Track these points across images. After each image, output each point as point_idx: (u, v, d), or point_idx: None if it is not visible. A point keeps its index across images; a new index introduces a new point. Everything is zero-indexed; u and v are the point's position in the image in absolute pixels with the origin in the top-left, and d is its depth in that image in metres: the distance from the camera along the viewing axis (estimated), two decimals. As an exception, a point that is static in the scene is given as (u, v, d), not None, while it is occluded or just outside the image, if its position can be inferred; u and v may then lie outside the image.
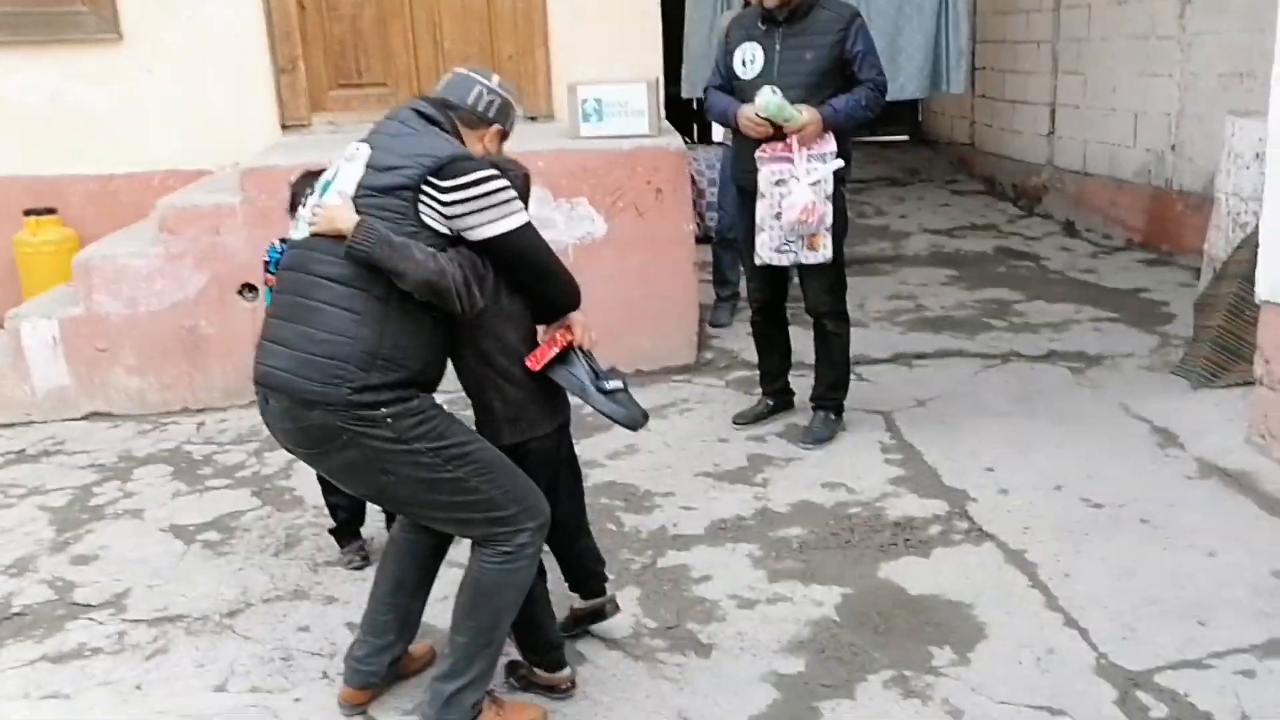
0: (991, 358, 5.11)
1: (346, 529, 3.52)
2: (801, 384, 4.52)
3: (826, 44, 3.99)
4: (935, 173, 10.41)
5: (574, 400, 2.74)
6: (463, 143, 2.56)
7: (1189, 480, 3.75)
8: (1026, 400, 4.56)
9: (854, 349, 5.10)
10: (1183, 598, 3.03)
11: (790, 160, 3.94)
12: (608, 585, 3.04)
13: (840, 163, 4.00)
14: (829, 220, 3.96)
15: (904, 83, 8.03)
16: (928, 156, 10.95)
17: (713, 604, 3.17)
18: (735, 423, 4.45)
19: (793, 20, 4.01)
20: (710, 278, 5.98)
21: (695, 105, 8.78)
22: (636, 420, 2.73)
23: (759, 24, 4.09)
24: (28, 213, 5.60)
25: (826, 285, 4.21)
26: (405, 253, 2.35)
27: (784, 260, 4.10)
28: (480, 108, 2.62)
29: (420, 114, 2.56)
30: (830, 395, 4.34)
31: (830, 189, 3.95)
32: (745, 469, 4.06)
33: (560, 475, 2.88)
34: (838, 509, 3.69)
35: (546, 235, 4.86)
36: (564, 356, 2.64)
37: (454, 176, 2.39)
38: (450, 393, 2.62)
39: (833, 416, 4.34)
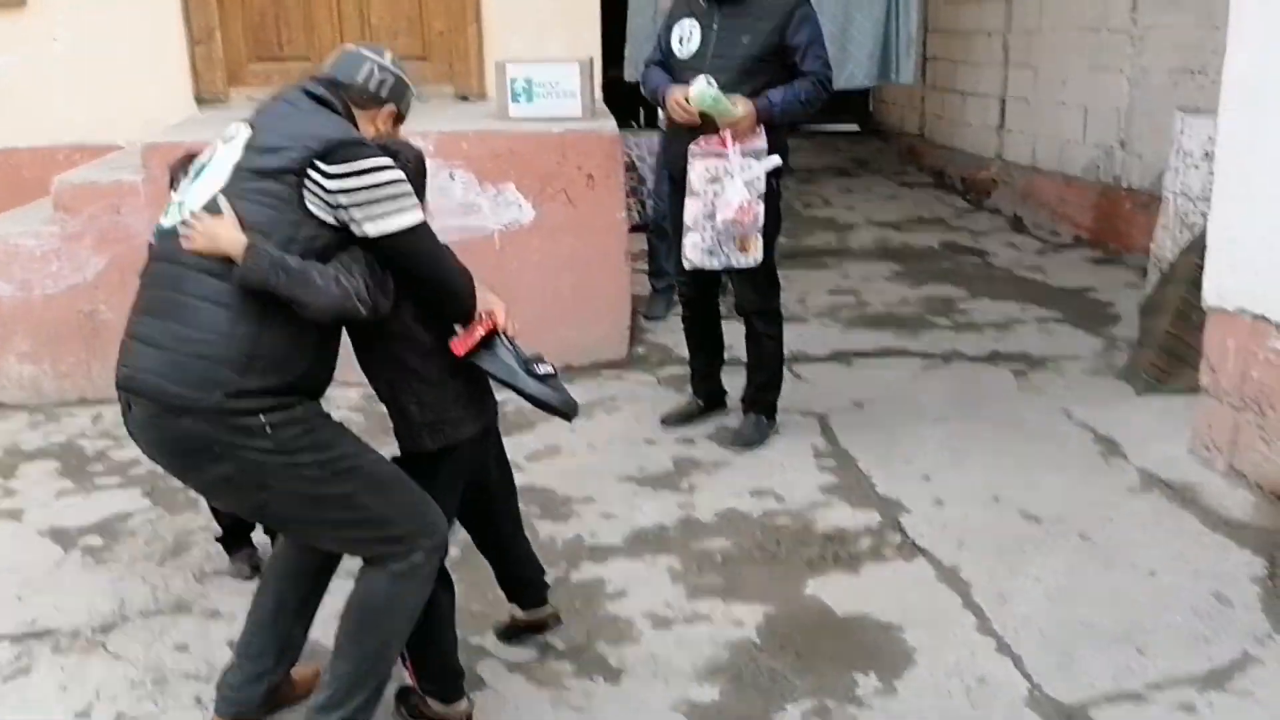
0: (933, 358, 4.95)
1: (235, 536, 3.26)
2: (735, 383, 4.32)
3: (765, 29, 3.76)
4: (884, 164, 10.27)
5: (499, 396, 2.52)
6: (355, 125, 2.33)
7: (1131, 493, 3.59)
8: (967, 404, 4.39)
9: (792, 345, 4.95)
10: (1121, 622, 2.86)
11: (725, 156, 3.72)
12: (549, 595, 2.85)
13: (776, 160, 3.77)
14: (761, 221, 3.74)
15: (852, 70, 7.86)
16: (877, 147, 10.82)
17: (626, 623, 2.96)
18: (663, 423, 4.24)
19: (735, 1, 3.78)
20: (646, 268, 5.76)
21: (639, 88, 8.56)
22: (571, 406, 2.52)
23: (703, 1, 3.86)
24: (-82, 187, 5.25)
25: (756, 284, 4.01)
26: (303, 278, 2.12)
27: (714, 264, 3.87)
28: (371, 86, 2.40)
29: (309, 94, 2.32)
30: (761, 397, 4.14)
31: (763, 187, 3.73)
32: (671, 474, 3.85)
33: (490, 478, 2.69)
34: (765, 519, 3.49)
35: (471, 221, 4.75)
36: (488, 342, 2.40)
37: (342, 161, 2.16)
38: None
39: (764, 419, 4.14)
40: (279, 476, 2.18)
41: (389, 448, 3.80)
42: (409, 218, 2.23)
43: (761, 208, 3.71)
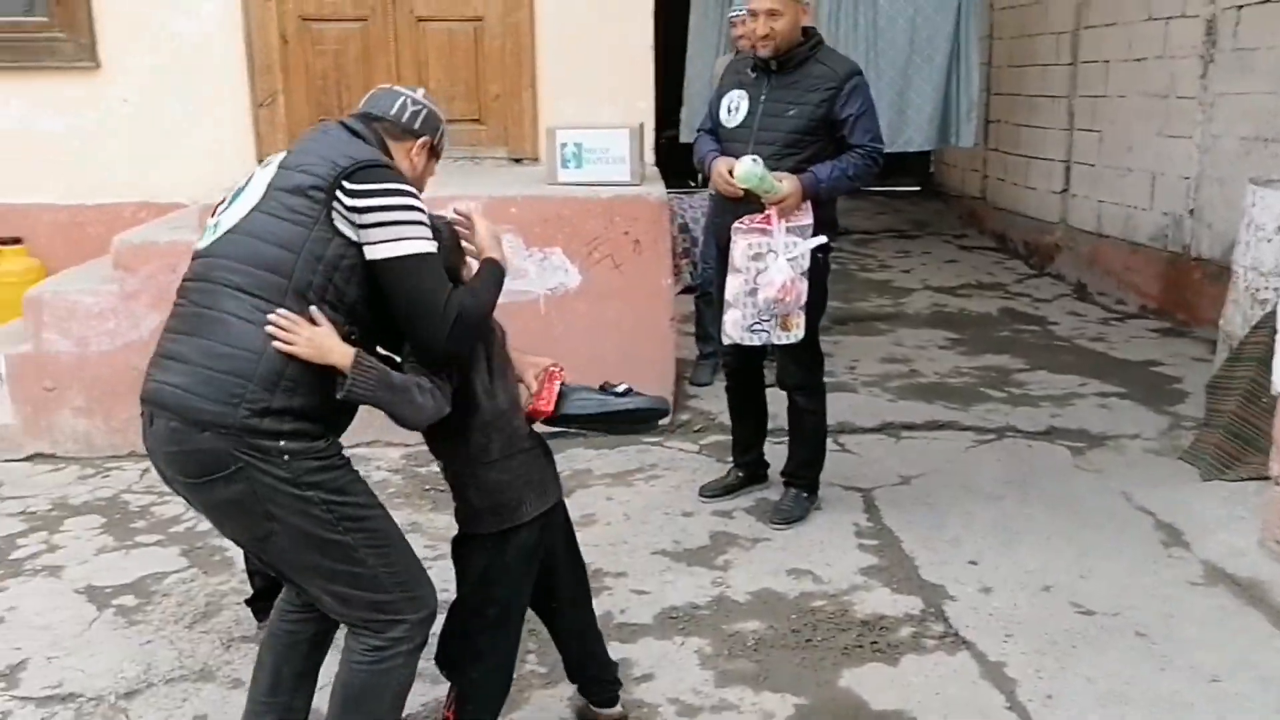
0: (986, 432, 4.79)
1: (264, 599, 3.23)
2: (779, 454, 4.22)
3: (813, 102, 3.68)
4: (945, 226, 10.14)
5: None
6: (389, 156, 2.36)
7: (1193, 587, 3.40)
8: (1020, 483, 4.23)
9: (839, 415, 4.86)
10: (1178, 732, 2.70)
11: (769, 234, 3.64)
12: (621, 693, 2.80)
13: (821, 239, 3.69)
14: (805, 298, 3.67)
15: (911, 134, 7.81)
16: (938, 209, 10.69)
17: (651, 709, 2.85)
18: (702, 494, 4.15)
19: (784, 71, 3.72)
20: (694, 332, 5.69)
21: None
22: (665, 404, 2.65)
23: (750, 70, 3.81)
24: (-9, 241, 5.41)
25: (799, 359, 3.91)
26: (406, 396, 2.19)
27: (755, 340, 3.77)
28: (405, 119, 2.42)
29: (345, 126, 2.37)
30: (803, 472, 4.03)
31: (807, 264, 3.65)
32: (707, 549, 3.75)
33: (557, 562, 2.60)
34: (801, 601, 3.37)
35: (517, 286, 4.74)
36: (563, 390, 2.48)
37: (368, 181, 2.18)
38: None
39: (805, 494, 4.03)
40: (287, 509, 2.15)
41: (424, 513, 3.77)
42: (422, 245, 2.21)
43: (805, 285, 3.64)
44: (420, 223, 2.23)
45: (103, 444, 4.69)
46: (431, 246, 2.23)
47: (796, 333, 3.72)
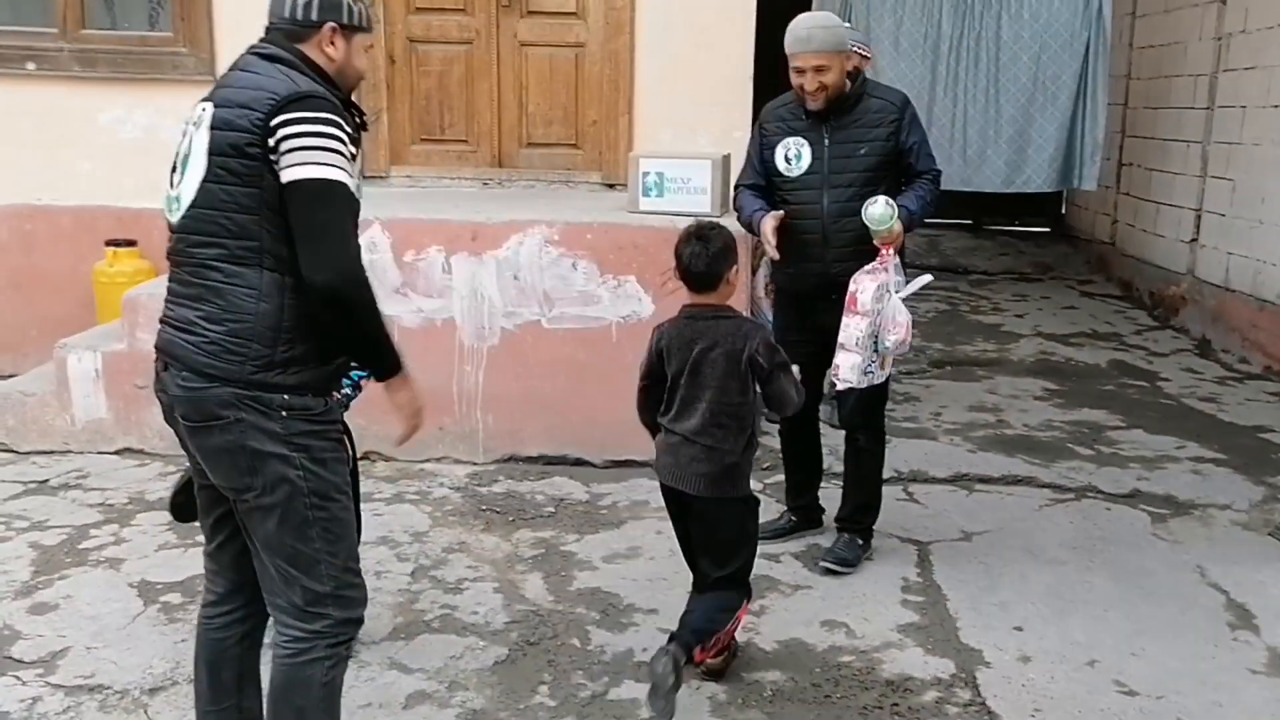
0: (1064, 491, 4.57)
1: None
2: (834, 497, 4.11)
3: (881, 137, 3.68)
4: (1070, 270, 9.74)
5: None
6: (307, 63, 2.30)
7: (1252, 675, 3.17)
8: (1088, 548, 4.02)
9: (913, 463, 4.75)
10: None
11: (887, 272, 3.61)
12: None
13: (929, 278, 3.75)
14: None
15: (1030, 174, 7.56)
16: (1065, 252, 10.28)
17: (651, 753, 2.81)
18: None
19: (841, 112, 3.69)
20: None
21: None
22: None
23: (802, 115, 3.74)
24: (109, 243, 5.73)
25: (871, 398, 3.83)
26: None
27: (868, 382, 3.69)
28: (299, 14, 2.33)
29: (259, 54, 2.31)
30: (858, 517, 3.93)
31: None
32: (744, 592, 3.68)
33: None
34: (829, 654, 3.27)
35: (590, 312, 4.77)
36: None
37: (286, 112, 2.16)
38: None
39: (859, 540, 3.92)
40: (269, 468, 2.24)
41: (475, 533, 3.78)
42: (331, 172, 2.17)
43: None
44: (337, 151, 2.18)
45: (189, 441, 4.90)
46: (344, 177, 2.19)
47: (890, 369, 3.75)
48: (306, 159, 2.15)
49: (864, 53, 4.98)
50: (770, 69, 5.96)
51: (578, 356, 4.84)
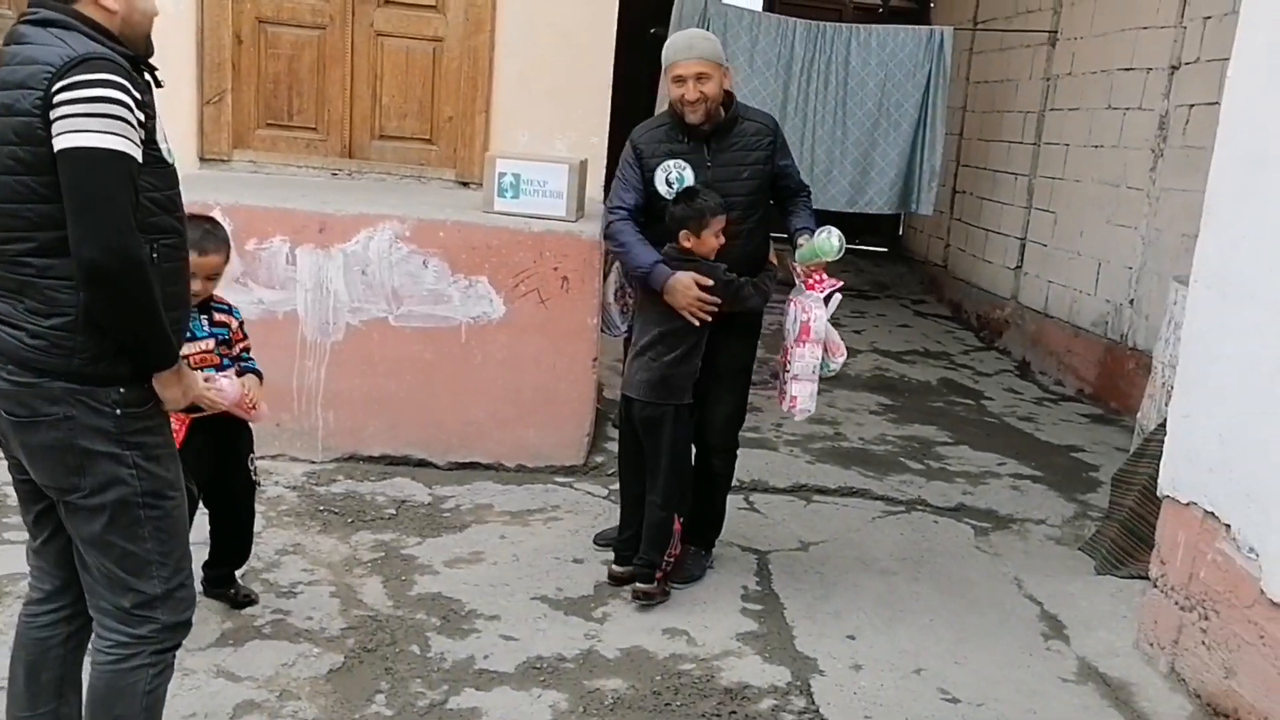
0: (895, 503, 4.76)
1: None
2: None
3: (759, 159, 3.72)
4: (905, 290, 10.17)
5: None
6: (84, 21, 2.09)
7: (1063, 683, 3.36)
8: (916, 559, 4.19)
9: (755, 473, 4.84)
10: (1015, 832, 2.64)
11: (828, 297, 3.81)
12: None
13: (838, 297, 3.89)
14: None
15: (872, 196, 7.86)
16: (901, 272, 10.72)
17: (491, 763, 2.78)
18: (596, 542, 4.09)
19: (722, 134, 3.70)
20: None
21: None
22: None
23: (681, 138, 3.70)
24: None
25: (734, 422, 3.92)
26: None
27: (811, 409, 3.93)
28: None
29: (30, 20, 2.11)
30: (706, 533, 3.98)
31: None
32: (588, 599, 3.68)
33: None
34: (670, 662, 3.30)
35: (440, 311, 4.69)
36: None
37: (61, 79, 1.98)
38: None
39: (702, 552, 3.97)
40: (98, 467, 2.14)
41: (311, 534, 3.66)
42: (105, 140, 1.99)
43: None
44: (112, 116, 1.99)
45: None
46: (121, 145, 2.01)
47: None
48: (75, 126, 1.98)
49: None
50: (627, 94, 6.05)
51: (425, 356, 4.75)
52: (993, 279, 8.72)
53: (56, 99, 1.99)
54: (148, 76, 2.18)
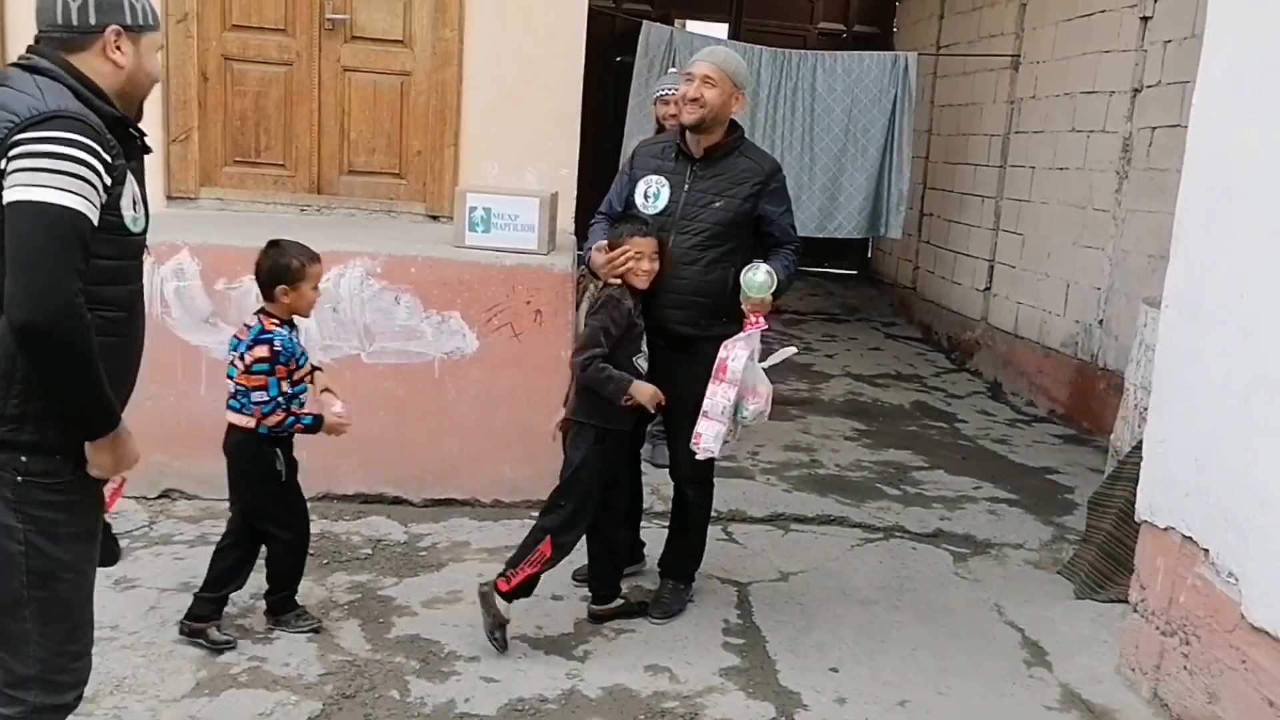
0: (873, 530, 4.76)
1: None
2: (655, 538, 4.14)
3: (739, 195, 3.65)
4: (875, 312, 10.22)
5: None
6: (73, 74, 2.07)
7: (1047, 710, 3.36)
8: (896, 588, 4.18)
9: (732, 503, 4.82)
10: None
11: (752, 340, 3.58)
12: None
13: (794, 349, 3.87)
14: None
15: (841, 221, 7.92)
16: (871, 295, 10.78)
17: (474, 811, 2.73)
18: (575, 578, 4.05)
19: (709, 161, 3.68)
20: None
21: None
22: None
23: (672, 157, 3.73)
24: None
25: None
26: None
27: (725, 451, 3.71)
28: (74, 19, 2.08)
29: (19, 65, 2.09)
30: (683, 565, 3.96)
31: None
32: (568, 636, 3.64)
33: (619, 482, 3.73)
34: (653, 700, 3.27)
35: (413, 347, 4.66)
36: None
37: (26, 130, 1.94)
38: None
39: (682, 586, 3.95)
40: (7, 539, 2.04)
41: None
42: (56, 196, 1.92)
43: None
44: (69, 174, 1.94)
45: None
46: (76, 204, 1.94)
47: (739, 433, 3.72)
48: (28, 180, 1.92)
49: (665, 95, 5.10)
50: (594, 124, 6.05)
51: (398, 392, 4.71)
52: (962, 301, 8.78)
53: (14, 150, 1.94)
54: (126, 139, 2.13)
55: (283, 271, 3.38)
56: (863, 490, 5.26)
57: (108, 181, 2.02)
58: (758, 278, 3.49)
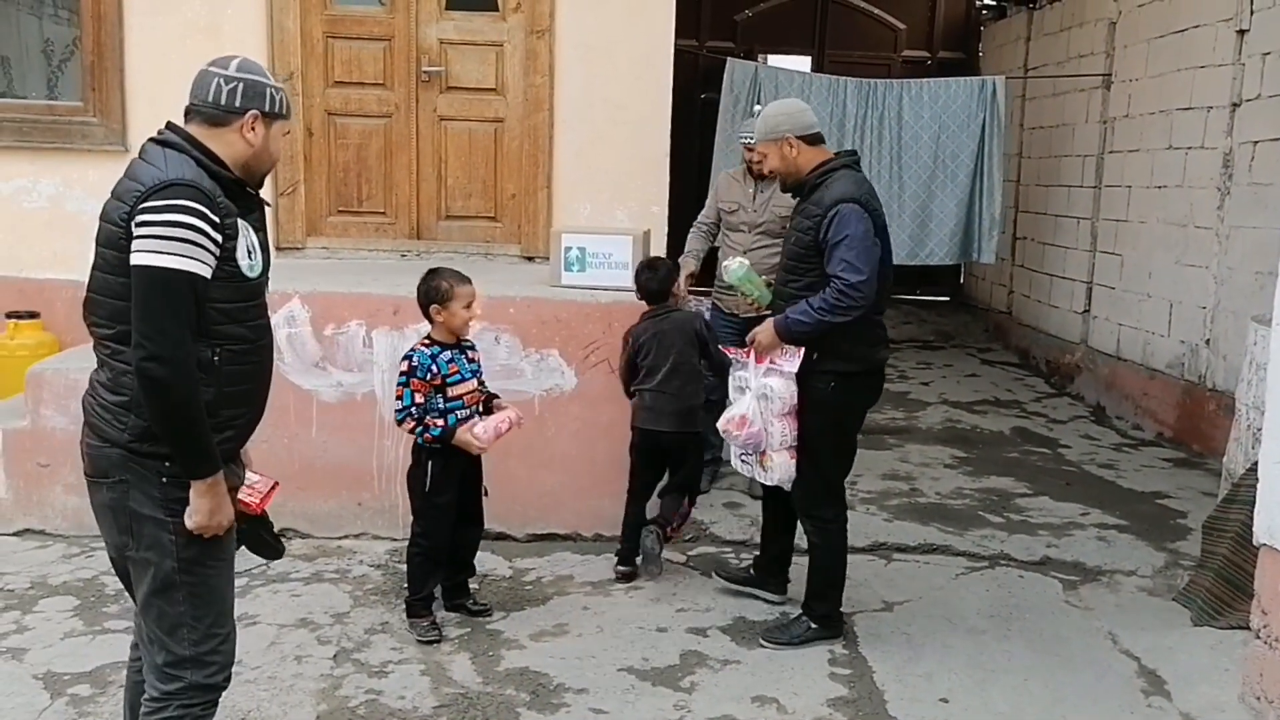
0: (978, 559, 4.69)
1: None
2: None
3: (805, 229, 3.75)
4: (970, 339, 10.09)
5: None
6: (206, 156, 2.36)
7: (1167, 740, 3.28)
8: (1004, 616, 4.12)
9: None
10: None
11: (747, 368, 3.80)
12: None
13: (791, 389, 3.71)
14: (778, 440, 3.73)
15: (933, 248, 7.87)
16: (965, 321, 10.64)
17: (589, 840, 2.77)
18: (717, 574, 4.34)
19: (803, 197, 3.84)
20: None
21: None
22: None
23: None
24: (9, 315, 5.53)
25: (805, 486, 3.87)
26: None
27: (745, 470, 3.99)
28: (222, 100, 2.41)
29: (155, 140, 2.41)
30: (810, 603, 3.92)
31: (783, 407, 3.70)
32: (674, 668, 3.67)
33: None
34: (762, 732, 3.28)
35: (512, 384, 4.77)
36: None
37: (149, 200, 2.25)
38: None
39: (805, 619, 3.90)
40: (144, 530, 2.36)
41: (398, 613, 3.70)
42: (174, 261, 2.23)
43: (777, 428, 3.72)
44: (182, 240, 2.23)
45: (91, 523, 4.63)
46: (186, 265, 2.24)
47: (774, 474, 3.77)
48: (146, 246, 2.24)
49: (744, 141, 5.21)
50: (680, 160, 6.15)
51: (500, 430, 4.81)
52: (1060, 324, 8.62)
53: (139, 218, 2.25)
54: (243, 197, 2.43)
55: (434, 293, 3.81)
56: (965, 518, 5.19)
57: (218, 239, 2.31)
58: (731, 264, 4.15)
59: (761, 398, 3.68)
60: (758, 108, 6.14)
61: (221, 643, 2.47)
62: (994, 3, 10.90)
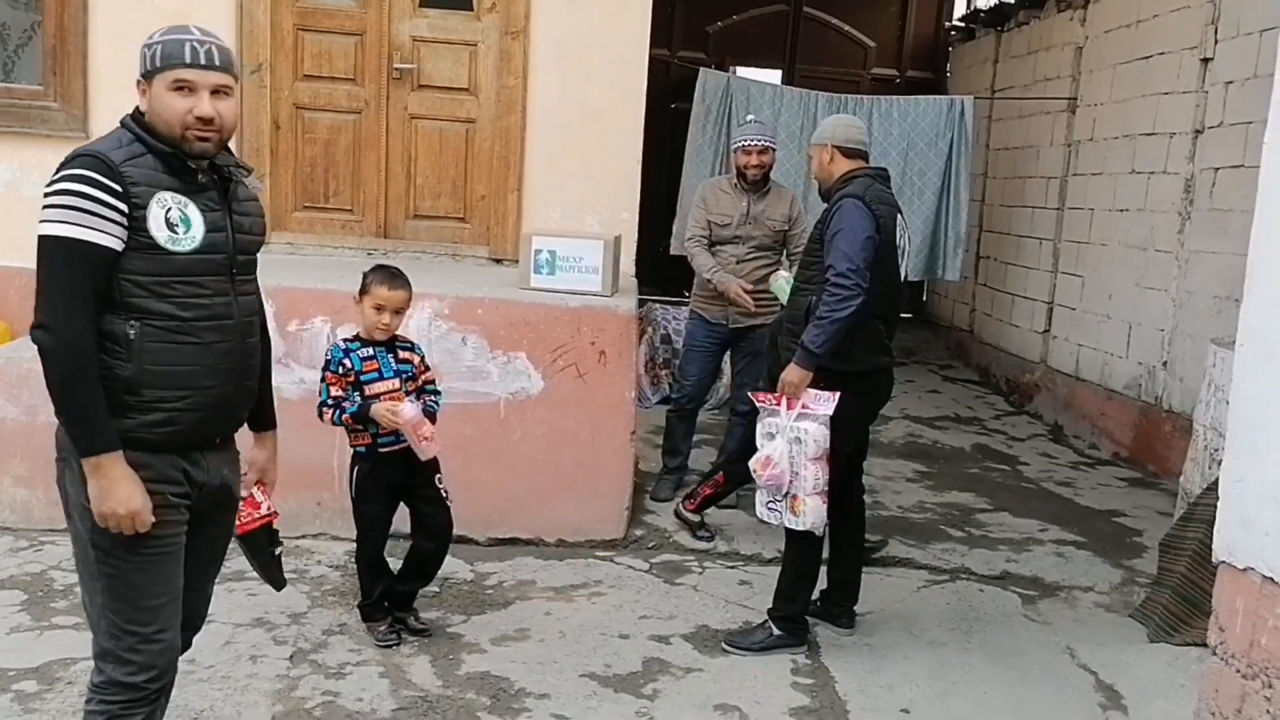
0: (939, 573, 4.71)
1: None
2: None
3: (817, 226, 3.88)
4: (931, 355, 10.17)
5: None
6: (139, 124, 2.34)
7: (1124, 755, 3.31)
8: (965, 629, 4.14)
9: (795, 545, 4.75)
10: None
11: (778, 414, 3.73)
12: None
13: (823, 431, 3.65)
14: (810, 485, 3.68)
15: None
16: (927, 337, 10.72)
17: (549, 847, 2.74)
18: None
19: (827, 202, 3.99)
20: (661, 445, 5.64)
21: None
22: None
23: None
24: (-41, 302, 5.40)
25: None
26: None
27: (773, 519, 3.83)
28: (139, 72, 2.38)
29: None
30: (775, 600, 3.92)
31: (816, 450, 3.67)
32: (636, 675, 3.65)
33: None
34: (724, 740, 3.26)
35: (479, 388, 4.72)
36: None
37: (54, 173, 2.29)
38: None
39: (768, 624, 3.89)
40: (72, 511, 2.34)
41: (352, 612, 3.59)
42: (47, 228, 2.22)
43: (808, 472, 3.67)
44: (65, 206, 2.21)
45: (40, 516, 4.59)
46: (79, 233, 2.20)
47: (806, 519, 3.71)
48: (41, 216, 2.24)
49: (747, 145, 5.20)
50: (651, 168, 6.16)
51: (464, 432, 4.76)
52: (1021, 343, 8.72)
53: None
54: (183, 171, 2.35)
55: (361, 286, 3.72)
56: (927, 532, 5.22)
57: (123, 208, 2.24)
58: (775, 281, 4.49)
59: (795, 441, 3.66)
60: (750, 116, 6.17)
61: (141, 642, 2.33)
62: (963, 24, 11.03)
